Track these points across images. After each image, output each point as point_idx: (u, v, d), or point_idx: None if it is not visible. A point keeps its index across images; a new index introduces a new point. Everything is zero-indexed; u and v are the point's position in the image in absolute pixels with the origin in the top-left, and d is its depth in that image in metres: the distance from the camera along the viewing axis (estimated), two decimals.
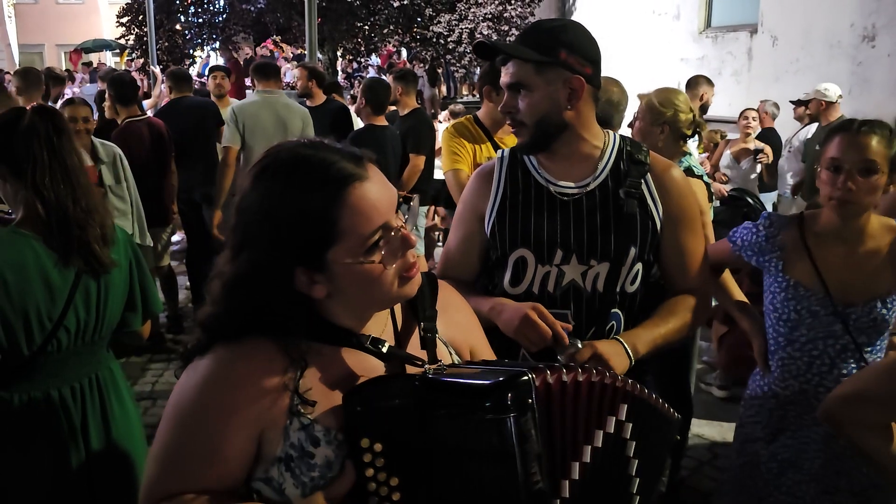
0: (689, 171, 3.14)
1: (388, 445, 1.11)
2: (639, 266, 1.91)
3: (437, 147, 6.05)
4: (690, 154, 3.31)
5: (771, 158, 6.66)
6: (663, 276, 2.02)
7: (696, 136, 3.33)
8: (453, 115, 7.10)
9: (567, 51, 1.80)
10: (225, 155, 5.21)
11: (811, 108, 6.64)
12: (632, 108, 3.46)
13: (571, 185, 1.90)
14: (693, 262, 1.97)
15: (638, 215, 1.89)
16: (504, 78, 1.87)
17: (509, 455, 1.04)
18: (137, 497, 2.14)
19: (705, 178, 3.25)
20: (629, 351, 1.79)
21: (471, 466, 1.07)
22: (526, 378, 1.08)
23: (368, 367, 1.21)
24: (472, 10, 17.56)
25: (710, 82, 5.97)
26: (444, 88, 19.86)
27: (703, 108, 5.90)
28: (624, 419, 1.20)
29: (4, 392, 2.01)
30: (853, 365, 2.14)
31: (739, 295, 2.51)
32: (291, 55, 21.32)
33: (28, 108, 2.07)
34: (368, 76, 15.00)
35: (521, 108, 1.85)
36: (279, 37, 20.53)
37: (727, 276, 2.53)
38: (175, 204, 5.55)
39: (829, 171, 2.12)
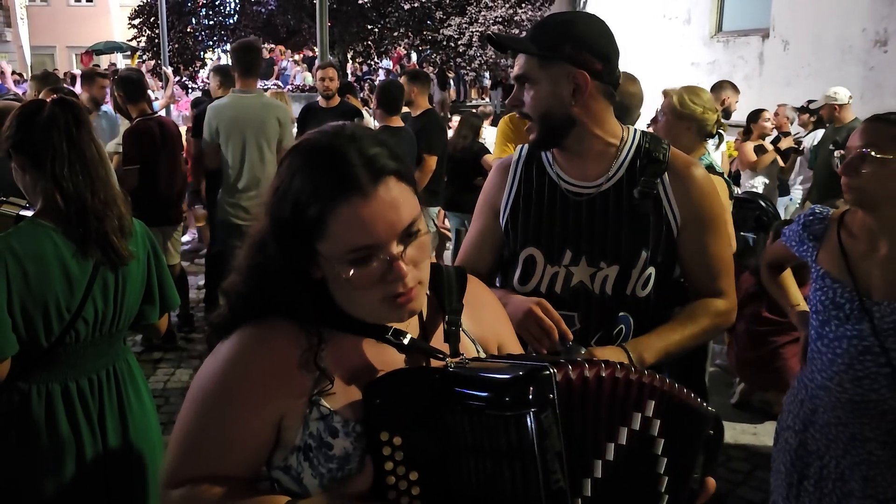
0: (710, 169, 3.13)
1: (407, 439, 1.09)
2: (651, 270, 1.85)
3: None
4: (709, 152, 3.30)
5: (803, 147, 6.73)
6: (686, 280, 1.95)
7: (718, 137, 3.33)
8: (483, 116, 7.09)
9: (573, 45, 1.75)
10: (198, 152, 5.11)
11: (824, 112, 6.62)
12: (645, 108, 3.45)
13: (585, 184, 1.85)
14: (716, 265, 1.89)
15: (651, 217, 1.83)
16: (514, 71, 1.85)
17: (529, 451, 1.01)
18: (152, 489, 2.16)
19: (725, 176, 3.25)
20: (633, 360, 1.72)
21: (490, 462, 1.04)
22: (547, 373, 1.05)
23: (389, 360, 1.19)
24: (482, 13, 17.63)
25: (735, 88, 5.94)
26: (453, 92, 19.89)
27: (726, 114, 5.90)
28: (651, 415, 1.16)
29: (23, 383, 2.01)
30: (873, 369, 2.08)
31: (796, 294, 2.52)
32: (300, 59, 21.38)
33: (48, 100, 2.07)
34: (380, 79, 15.02)
35: (528, 101, 1.82)
36: (279, 44, 20.62)
37: (787, 274, 2.55)
38: (186, 203, 5.56)
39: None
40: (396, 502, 1.10)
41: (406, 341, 1.19)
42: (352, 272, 1.10)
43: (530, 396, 1.02)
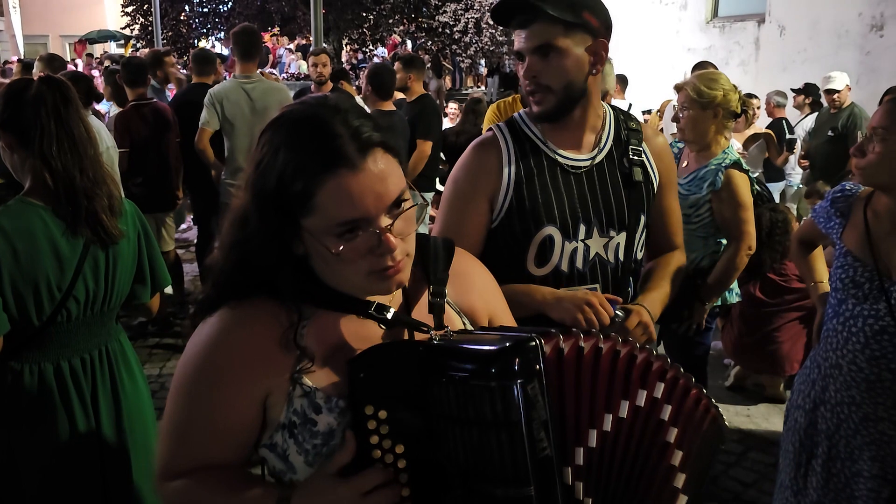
0: (736, 165, 3.11)
1: (392, 412, 1.08)
2: (644, 232, 1.95)
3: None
4: (731, 146, 3.27)
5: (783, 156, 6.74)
6: (650, 236, 2.04)
7: (744, 115, 3.29)
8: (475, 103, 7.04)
9: (591, 13, 1.76)
10: (199, 136, 5.00)
11: (827, 99, 6.62)
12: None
13: (580, 156, 1.86)
14: (676, 222, 2.07)
15: (643, 182, 1.91)
16: (527, 42, 1.77)
17: (515, 422, 1.01)
18: (146, 468, 2.16)
19: (751, 173, 3.22)
20: (652, 316, 1.84)
21: (476, 433, 1.03)
22: (534, 343, 1.04)
23: (372, 335, 1.18)
24: None
25: (714, 68, 5.95)
26: (449, 80, 19.81)
27: None
28: (659, 398, 1.15)
29: (15, 363, 2.01)
30: (889, 349, 2.09)
31: (821, 271, 2.52)
32: (294, 48, 21.28)
33: (35, 78, 2.06)
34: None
35: (550, 71, 1.76)
36: (276, 28, 20.52)
37: (818, 252, 2.55)
38: (181, 190, 5.53)
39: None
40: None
41: (389, 316, 1.17)
42: (341, 246, 1.08)
43: (516, 367, 1.02)
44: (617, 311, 1.74)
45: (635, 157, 1.89)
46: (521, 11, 1.78)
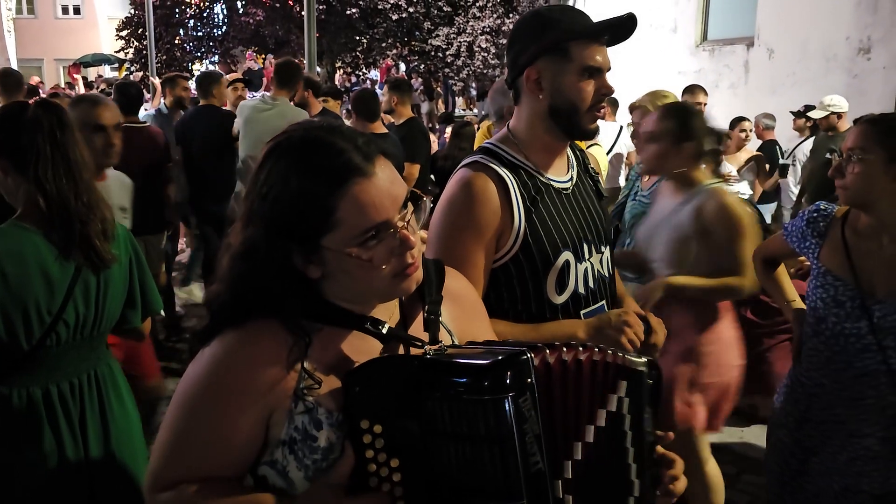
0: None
1: (387, 426, 1.10)
2: None
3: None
4: None
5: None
6: None
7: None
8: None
9: None
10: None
11: (823, 123, 6.69)
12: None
13: (563, 178, 1.89)
14: None
15: (605, 194, 2.00)
16: (607, 60, 1.78)
17: (507, 436, 1.03)
18: (136, 494, 2.14)
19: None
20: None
21: (470, 446, 1.05)
22: (525, 357, 1.07)
23: (370, 349, 1.21)
24: (470, 23, 17.72)
25: (704, 92, 6.04)
26: (441, 103, 19.93)
27: None
28: (624, 395, 1.19)
29: (3, 387, 1.99)
30: (872, 367, 2.10)
31: (790, 290, 2.55)
32: None
33: (31, 101, 2.07)
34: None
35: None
36: (265, 52, 20.66)
37: (782, 270, 2.57)
38: (176, 214, 5.53)
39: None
40: (378, 489, 1.11)
41: (384, 330, 1.20)
42: (372, 253, 1.12)
43: (508, 381, 1.04)
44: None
45: (593, 172, 1.97)
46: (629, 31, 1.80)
